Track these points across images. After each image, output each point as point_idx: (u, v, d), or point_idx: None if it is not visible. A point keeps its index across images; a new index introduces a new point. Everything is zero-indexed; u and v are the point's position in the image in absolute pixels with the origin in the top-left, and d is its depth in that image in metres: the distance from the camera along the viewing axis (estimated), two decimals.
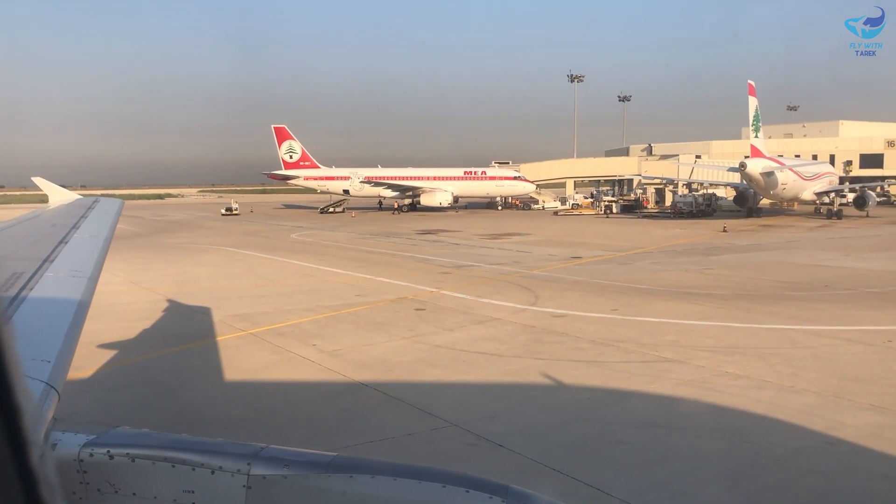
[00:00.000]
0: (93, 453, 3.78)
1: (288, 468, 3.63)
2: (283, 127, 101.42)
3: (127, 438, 4.00)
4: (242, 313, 24.49)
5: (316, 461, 3.72)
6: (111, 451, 3.79)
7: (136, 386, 16.42)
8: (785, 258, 39.45)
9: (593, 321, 22.76)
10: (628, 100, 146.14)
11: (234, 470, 3.64)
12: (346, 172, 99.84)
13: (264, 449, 3.76)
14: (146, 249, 47.25)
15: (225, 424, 13.50)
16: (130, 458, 3.77)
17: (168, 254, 44.86)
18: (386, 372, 17.03)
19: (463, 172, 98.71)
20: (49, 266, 7.17)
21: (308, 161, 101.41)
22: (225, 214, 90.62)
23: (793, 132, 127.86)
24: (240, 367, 17.80)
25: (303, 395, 15.77)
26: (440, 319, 23.18)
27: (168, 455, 3.76)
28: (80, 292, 6.31)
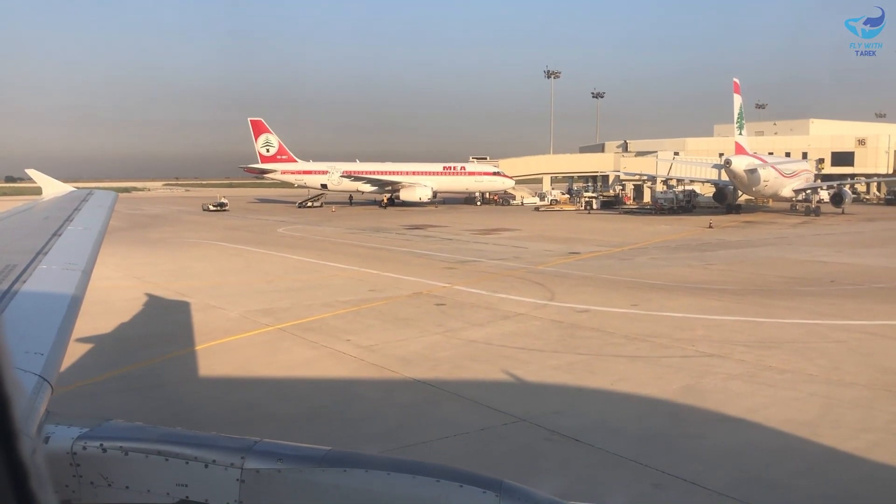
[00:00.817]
0: (86, 446, 3.76)
1: (282, 462, 3.62)
2: (260, 120, 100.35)
3: (120, 432, 3.98)
4: (261, 309, 24.15)
5: (310, 455, 3.73)
6: (104, 445, 3.78)
7: (183, 383, 16.10)
8: (780, 254, 40.02)
9: (617, 316, 22.85)
10: (602, 96, 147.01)
11: (228, 464, 3.64)
12: (324, 167, 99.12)
13: (258, 443, 3.75)
14: (135, 244, 46.37)
15: (285, 424, 13.25)
16: (124, 452, 3.76)
17: (159, 248, 44.13)
18: (432, 368, 16.89)
19: (442, 168, 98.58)
20: (43, 258, 7.15)
21: (285, 155, 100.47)
22: (214, 210, 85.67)
23: (764, 130, 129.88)
24: (281, 362, 17.55)
25: (355, 391, 15.57)
26: (464, 315, 23.08)
27: (161, 448, 3.75)
28: (73, 285, 6.27)
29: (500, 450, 11.87)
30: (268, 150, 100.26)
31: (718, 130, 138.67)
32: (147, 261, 37.78)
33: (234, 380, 16.17)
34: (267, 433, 4.32)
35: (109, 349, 18.90)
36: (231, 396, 15.05)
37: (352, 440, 12.05)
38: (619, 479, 10.88)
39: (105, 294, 27.11)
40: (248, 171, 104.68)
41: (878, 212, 78.64)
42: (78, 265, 7.09)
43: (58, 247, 7.93)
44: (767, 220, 67.61)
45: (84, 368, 16.63)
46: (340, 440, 11.60)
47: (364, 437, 12.32)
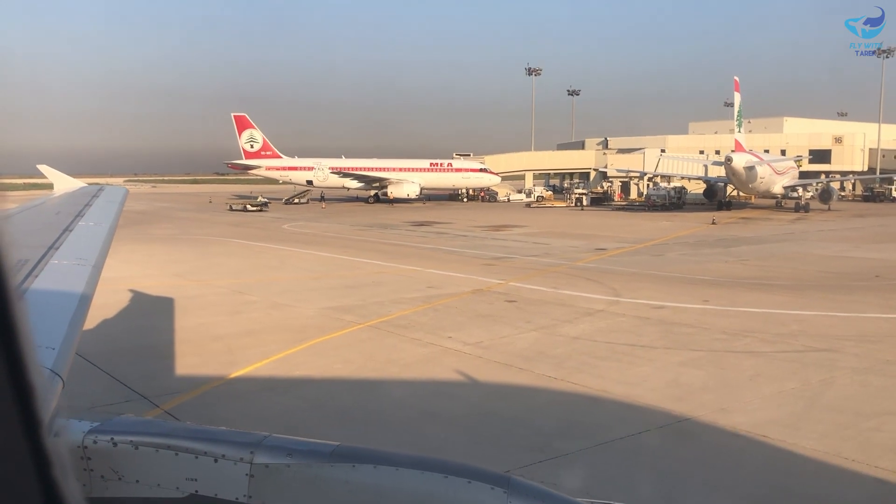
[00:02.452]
0: (97, 440, 3.80)
1: (291, 457, 3.65)
2: (244, 115, 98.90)
3: (130, 426, 4.03)
4: (334, 306, 23.74)
5: (318, 450, 3.74)
6: (115, 439, 3.81)
7: (314, 385, 15.73)
8: (802, 249, 40.65)
9: (698, 312, 22.93)
10: (577, 94, 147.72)
11: (237, 458, 3.66)
12: (310, 163, 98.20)
13: (267, 437, 3.78)
14: (150, 242, 45.30)
15: (545, 436, 13.00)
16: (134, 446, 3.79)
17: (178, 245, 43.14)
18: (558, 365, 16.72)
19: (429, 164, 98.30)
20: (54, 253, 7.17)
21: (270, 151, 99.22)
22: (253, 210, 76.33)
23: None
24: (399, 360, 17.24)
25: (502, 392, 15.32)
26: (543, 311, 22.96)
27: (171, 443, 3.79)
28: (84, 280, 6.34)
29: (697, 455, 11.78)
30: (252, 146, 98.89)
31: (693, 128, 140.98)
32: (174, 258, 36.93)
33: (391, 383, 15.77)
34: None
35: (244, 343, 18.42)
36: (372, 405, 14.72)
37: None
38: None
39: (170, 291, 26.56)
40: (232, 168, 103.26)
41: (861, 208, 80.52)
42: (88, 260, 7.15)
43: (69, 242, 8.00)
44: (762, 216, 68.72)
45: (260, 355, 16.14)
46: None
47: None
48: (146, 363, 16.98)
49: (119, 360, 17.08)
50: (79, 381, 15.35)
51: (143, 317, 22.53)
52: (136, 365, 16.73)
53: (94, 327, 20.65)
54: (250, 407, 14.06)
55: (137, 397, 14.36)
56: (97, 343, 18.68)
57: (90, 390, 14.85)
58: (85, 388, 15.10)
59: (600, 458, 11.48)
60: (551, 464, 11.10)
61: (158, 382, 15.39)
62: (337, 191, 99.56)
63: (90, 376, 15.68)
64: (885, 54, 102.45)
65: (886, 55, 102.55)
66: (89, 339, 18.86)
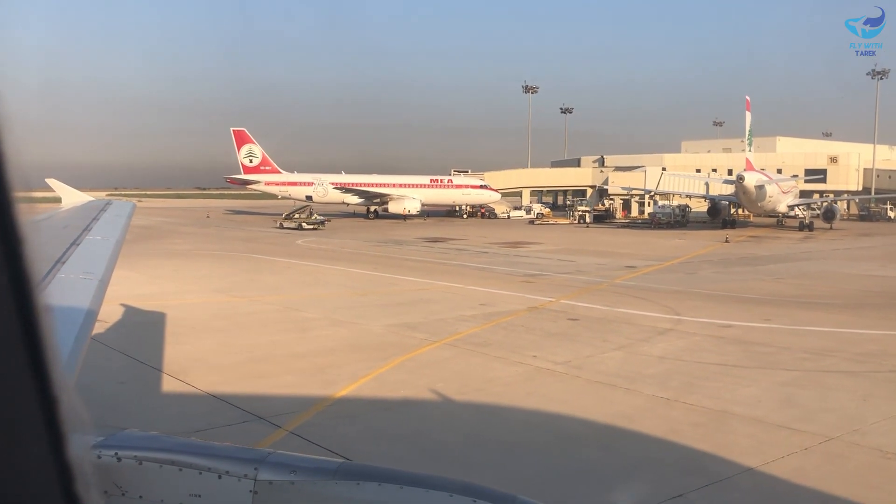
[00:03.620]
0: (101, 455, 3.78)
1: (295, 474, 3.65)
2: (243, 130, 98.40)
3: (135, 441, 4.01)
4: (397, 323, 23.41)
5: (323, 468, 3.73)
6: (119, 454, 3.79)
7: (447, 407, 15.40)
8: (830, 268, 40.86)
9: (765, 331, 22.84)
10: (570, 112, 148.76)
11: (241, 475, 3.66)
12: (310, 178, 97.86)
13: (271, 454, 3.79)
14: (170, 257, 44.77)
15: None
16: (138, 461, 3.78)
17: (201, 261, 42.56)
18: (662, 385, 16.45)
19: (429, 180, 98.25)
20: (61, 267, 7.19)
21: (269, 166, 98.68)
22: (307, 228, 71.20)
23: (731, 147, 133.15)
24: (497, 379, 16.92)
25: (626, 413, 15.05)
26: (614, 330, 22.75)
27: (175, 458, 3.77)
28: (91, 294, 6.40)
29: (861, 473, 11.61)
30: (251, 161, 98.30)
31: (686, 147, 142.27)
32: (204, 274, 36.39)
33: (505, 404, 15.46)
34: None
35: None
36: (553, 426, 14.40)
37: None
38: None
39: (221, 308, 26.16)
40: (231, 182, 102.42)
41: (863, 227, 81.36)
42: (95, 274, 7.17)
43: (76, 256, 8.02)
44: (769, 234, 69.20)
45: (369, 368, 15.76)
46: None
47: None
48: (242, 382, 16.55)
49: (213, 378, 16.66)
50: (185, 404, 14.98)
51: (213, 334, 22.03)
52: (233, 384, 16.30)
53: (184, 346, 20.26)
54: (374, 427, 13.71)
55: (253, 418, 13.95)
56: (182, 360, 18.29)
57: (195, 411, 14.48)
58: (191, 409, 14.73)
59: (782, 480, 11.25)
60: (716, 488, 10.85)
61: (266, 403, 14.97)
62: (335, 206, 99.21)
63: (194, 397, 15.30)
64: (879, 76, 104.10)
65: (880, 77, 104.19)
66: (178, 356, 18.49)
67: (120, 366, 17.98)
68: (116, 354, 18.99)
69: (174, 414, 14.42)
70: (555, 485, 10.99)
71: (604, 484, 11.30)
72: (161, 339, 21.15)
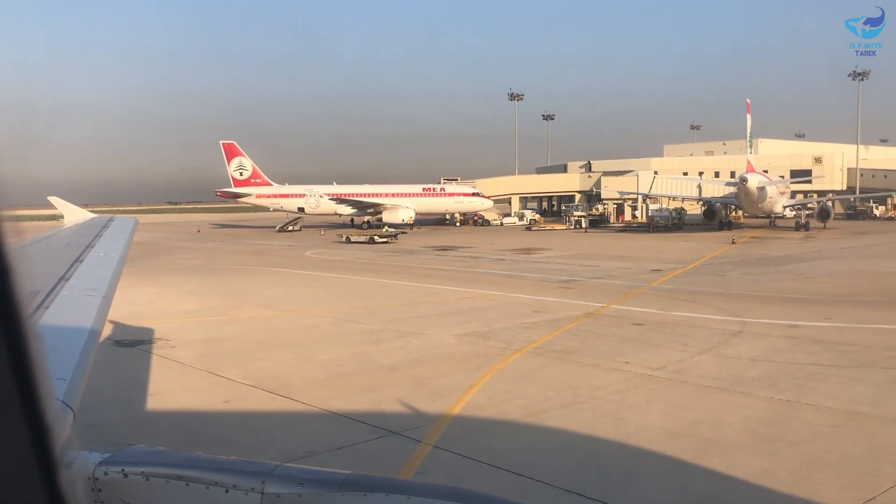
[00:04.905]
0: (107, 472, 3.78)
1: (302, 486, 3.62)
2: (233, 143, 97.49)
3: (141, 457, 4.01)
4: (466, 332, 23.13)
5: (330, 479, 3.70)
6: (126, 470, 3.80)
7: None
8: (853, 266, 41.28)
9: (836, 330, 22.88)
10: (552, 118, 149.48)
11: (248, 488, 3.64)
12: (302, 190, 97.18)
13: (278, 467, 3.75)
14: (187, 272, 44.12)
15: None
16: (145, 477, 3.78)
17: (223, 276, 41.88)
18: (772, 387, 16.31)
19: (422, 189, 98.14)
20: (65, 285, 7.22)
21: (259, 178, 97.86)
22: (379, 241, 66.16)
23: (714, 150, 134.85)
24: (606, 387, 16.70)
25: (770, 420, 14.88)
26: (684, 334, 22.67)
27: (182, 473, 3.78)
28: (95, 310, 6.41)
29: None
30: (241, 174, 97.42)
31: (669, 150, 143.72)
32: (235, 289, 35.77)
33: (628, 414, 15.23)
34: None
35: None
36: (699, 433, 14.19)
37: None
38: None
39: (272, 322, 25.76)
40: (222, 196, 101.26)
41: (854, 226, 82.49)
42: (99, 291, 7.19)
43: (79, 273, 8.06)
44: (769, 235, 69.91)
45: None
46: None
47: None
48: (350, 397, 16.19)
49: (318, 394, 16.29)
50: (307, 422, 14.61)
51: (286, 349, 21.57)
52: (342, 399, 15.95)
53: (264, 362, 19.82)
54: (522, 438, 13.43)
55: (386, 433, 13.63)
56: (272, 376, 17.88)
57: (322, 429, 14.13)
58: (317, 427, 14.37)
59: None
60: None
61: (387, 417, 14.63)
62: (327, 218, 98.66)
63: (312, 415, 14.93)
64: (861, 77, 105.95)
65: (862, 78, 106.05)
66: (263, 373, 18.07)
67: (212, 384, 17.55)
68: (202, 373, 18.55)
69: (307, 433, 14.00)
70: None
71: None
72: (234, 355, 20.69)
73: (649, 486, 11.17)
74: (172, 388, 17.27)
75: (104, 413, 14.43)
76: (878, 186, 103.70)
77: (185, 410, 15.55)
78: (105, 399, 16.31)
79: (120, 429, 14.30)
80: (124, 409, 15.66)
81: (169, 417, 15.09)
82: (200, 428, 14.46)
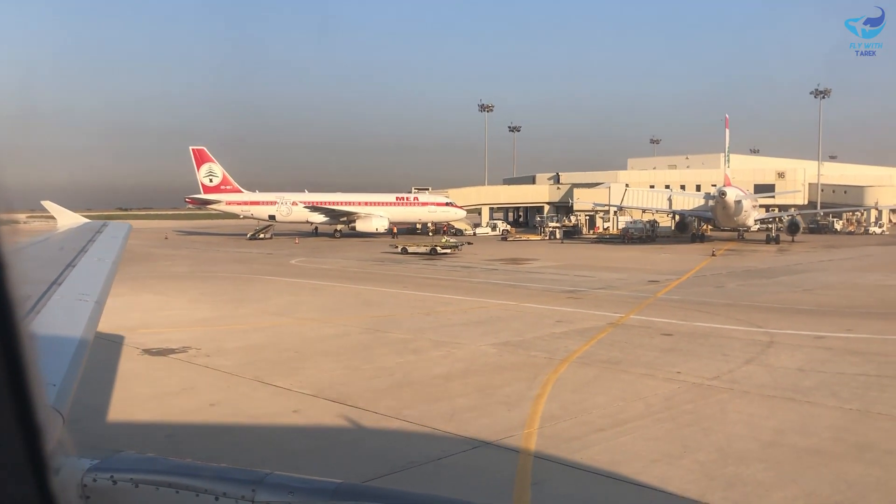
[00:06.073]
0: (96, 479, 3.80)
1: (292, 495, 3.63)
2: (203, 149, 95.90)
3: (131, 463, 4.03)
4: (500, 342, 23.06)
5: (321, 488, 3.69)
6: (115, 476, 3.81)
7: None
8: (843, 279, 42.24)
9: (864, 341, 23.26)
10: (518, 130, 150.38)
11: (239, 496, 3.65)
12: (273, 197, 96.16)
13: (269, 475, 3.74)
14: (181, 279, 43.22)
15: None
16: (134, 484, 3.78)
17: (220, 284, 41.16)
18: (835, 395, 16.57)
19: (395, 198, 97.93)
20: (57, 289, 7.18)
21: (230, 185, 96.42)
22: (441, 252, 62.67)
23: (677, 164, 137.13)
24: (669, 397, 16.79)
25: (853, 428, 15.03)
26: (716, 344, 22.85)
27: (172, 480, 3.77)
28: (86, 315, 6.41)
29: None
30: (211, 180, 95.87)
31: (632, 164, 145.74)
32: (237, 297, 35.18)
33: (720, 427, 15.24)
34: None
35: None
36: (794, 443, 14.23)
37: None
38: None
39: (295, 330, 25.31)
40: (191, 203, 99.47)
41: (820, 239, 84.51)
42: (91, 296, 7.16)
43: (72, 278, 8.00)
44: (744, 248, 71.23)
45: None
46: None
47: None
48: (421, 407, 15.94)
49: (387, 404, 16.02)
50: (393, 434, 14.35)
51: (325, 358, 21.18)
52: (415, 410, 15.70)
53: (308, 370, 19.43)
54: (625, 450, 13.35)
55: (479, 443, 13.42)
56: (327, 386, 17.54)
57: (410, 441, 13.88)
58: (404, 439, 14.12)
59: None
60: None
61: (469, 427, 14.42)
62: (298, 226, 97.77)
63: (395, 427, 14.67)
64: (822, 95, 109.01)
65: (823, 96, 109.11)
66: (314, 382, 17.75)
67: (270, 393, 17.16)
68: (254, 383, 18.13)
69: (397, 444, 13.75)
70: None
71: None
72: (277, 364, 20.27)
73: (777, 494, 11.18)
74: (231, 398, 16.82)
75: (183, 433, 14.04)
76: (837, 201, 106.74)
77: (257, 424, 15.11)
78: (172, 409, 15.86)
79: (203, 443, 13.91)
80: (191, 418, 15.20)
81: (247, 431, 14.65)
82: (279, 440, 14.09)
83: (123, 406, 16.02)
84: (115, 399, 16.56)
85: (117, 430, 14.56)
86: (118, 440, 13.43)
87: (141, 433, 14.42)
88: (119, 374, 19.08)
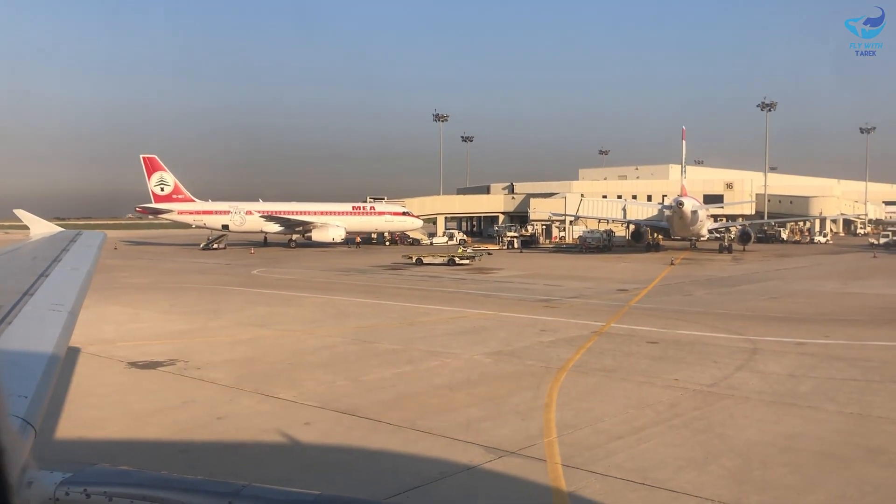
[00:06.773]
0: (69, 492, 3.65)
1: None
2: (154, 157, 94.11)
3: (104, 476, 3.90)
4: (491, 352, 23.09)
5: (299, 500, 3.67)
6: (88, 490, 3.66)
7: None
8: (803, 287, 43.45)
9: (843, 347, 23.87)
10: (471, 140, 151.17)
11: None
12: (226, 206, 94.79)
13: (246, 487, 3.60)
14: (143, 291, 42.20)
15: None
16: (108, 497, 3.63)
17: (185, 296, 40.26)
18: (831, 400, 17.02)
19: (351, 207, 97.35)
20: (29, 300, 7.18)
21: (182, 194, 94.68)
22: (460, 263, 61.32)
23: (626, 174, 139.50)
24: (675, 404, 17.01)
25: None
26: (704, 352, 23.21)
27: (146, 493, 3.65)
28: (59, 326, 6.35)
29: None
30: (162, 189, 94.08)
31: (583, 174, 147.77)
32: (208, 308, 34.43)
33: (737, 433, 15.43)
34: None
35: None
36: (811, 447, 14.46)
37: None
38: None
39: (281, 341, 24.93)
40: (142, 212, 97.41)
41: (770, 248, 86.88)
42: (65, 306, 7.12)
43: (45, 287, 7.96)
44: (699, 257, 72.71)
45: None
46: None
47: None
48: (433, 418, 15.83)
49: (396, 415, 15.88)
50: (415, 445, 14.22)
51: (320, 369, 20.89)
52: (428, 421, 15.59)
53: (307, 383, 19.13)
54: (649, 457, 13.44)
55: (504, 454, 13.38)
56: (332, 398, 17.33)
57: (430, 454, 13.77)
58: (427, 450, 13.99)
59: None
60: None
61: (487, 437, 14.38)
62: (251, 236, 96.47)
63: (412, 438, 14.53)
64: (769, 108, 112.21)
65: (770, 108, 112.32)
66: (316, 395, 17.58)
67: (276, 406, 16.84)
68: (255, 395, 17.77)
69: (422, 455, 13.63)
70: None
71: None
72: (273, 376, 19.92)
73: (809, 498, 11.40)
74: (237, 411, 16.46)
75: (196, 449, 13.69)
76: (783, 211, 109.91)
77: (271, 437, 14.81)
78: (179, 424, 15.46)
79: (219, 458, 13.59)
80: (201, 433, 14.83)
81: (262, 445, 14.34)
82: (299, 454, 13.83)
83: (128, 422, 15.55)
84: (115, 415, 16.09)
85: (129, 448, 14.13)
86: (134, 459, 13.06)
87: (153, 450, 14.00)
88: (111, 389, 18.53)
